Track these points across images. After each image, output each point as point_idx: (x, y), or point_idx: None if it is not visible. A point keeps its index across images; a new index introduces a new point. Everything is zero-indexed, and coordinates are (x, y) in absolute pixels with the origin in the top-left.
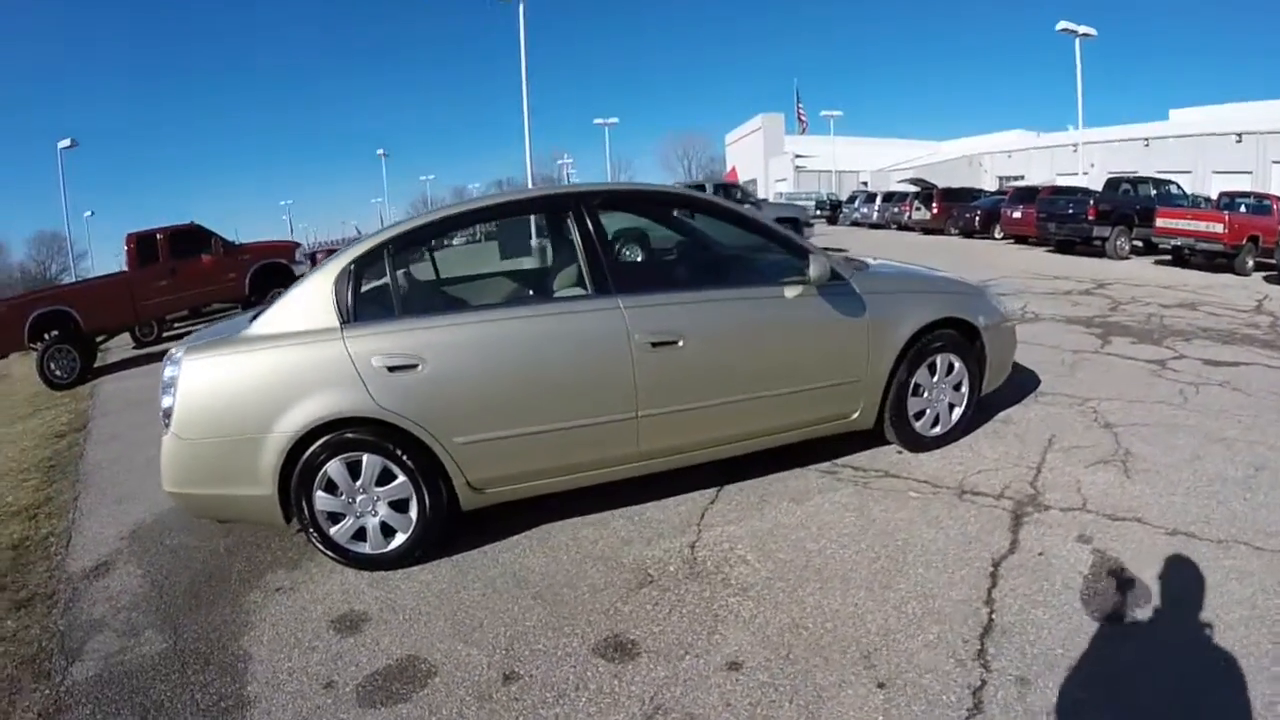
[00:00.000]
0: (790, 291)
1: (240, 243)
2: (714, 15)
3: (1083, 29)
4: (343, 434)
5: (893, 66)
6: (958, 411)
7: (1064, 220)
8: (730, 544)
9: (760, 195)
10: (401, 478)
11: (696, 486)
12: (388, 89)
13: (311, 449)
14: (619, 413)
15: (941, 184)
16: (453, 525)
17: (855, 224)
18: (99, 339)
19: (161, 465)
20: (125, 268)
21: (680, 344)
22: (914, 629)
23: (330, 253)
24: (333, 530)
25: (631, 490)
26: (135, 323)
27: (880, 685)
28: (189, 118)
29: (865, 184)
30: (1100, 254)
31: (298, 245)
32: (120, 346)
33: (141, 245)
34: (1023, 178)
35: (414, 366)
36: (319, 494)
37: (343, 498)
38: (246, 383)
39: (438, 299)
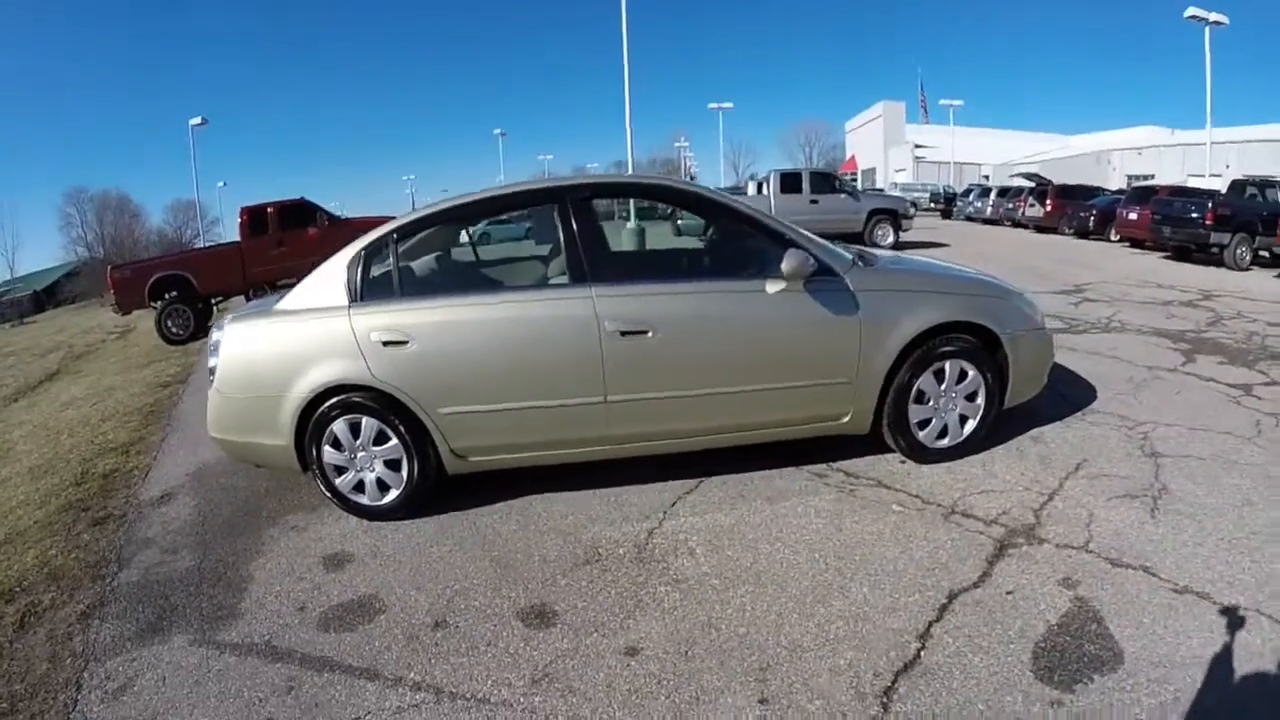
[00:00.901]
0: (772, 286)
1: (345, 217)
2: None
3: (1213, 16)
4: (346, 398)
5: (1018, 55)
6: (971, 424)
7: (1180, 224)
8: (686, 535)
9: (878, 186)
10: (394, 440)
11: (683, 475)
12: (508, 69)
13: (321, 409)
14: (588, 396)
15: (1068, 181)
16: (440, 487)
17: (969, 219)
18: (214, 300)
19: (207, 415)
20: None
21: (650, 334)
22: (827, 650)
23: None
24: (337, 481)
25: (619, 472)
26: (246, 288)
27: (762, 701)
28: (323, 96)
29: (987, 177)
30: (1219, 263)
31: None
32: (239, 306)
33: (253, 218)
34: (1153, 177)
35: (405, 343)
36: (326, 448)
37: (345, 453)
38: (272, 349)
39: (432, 283)
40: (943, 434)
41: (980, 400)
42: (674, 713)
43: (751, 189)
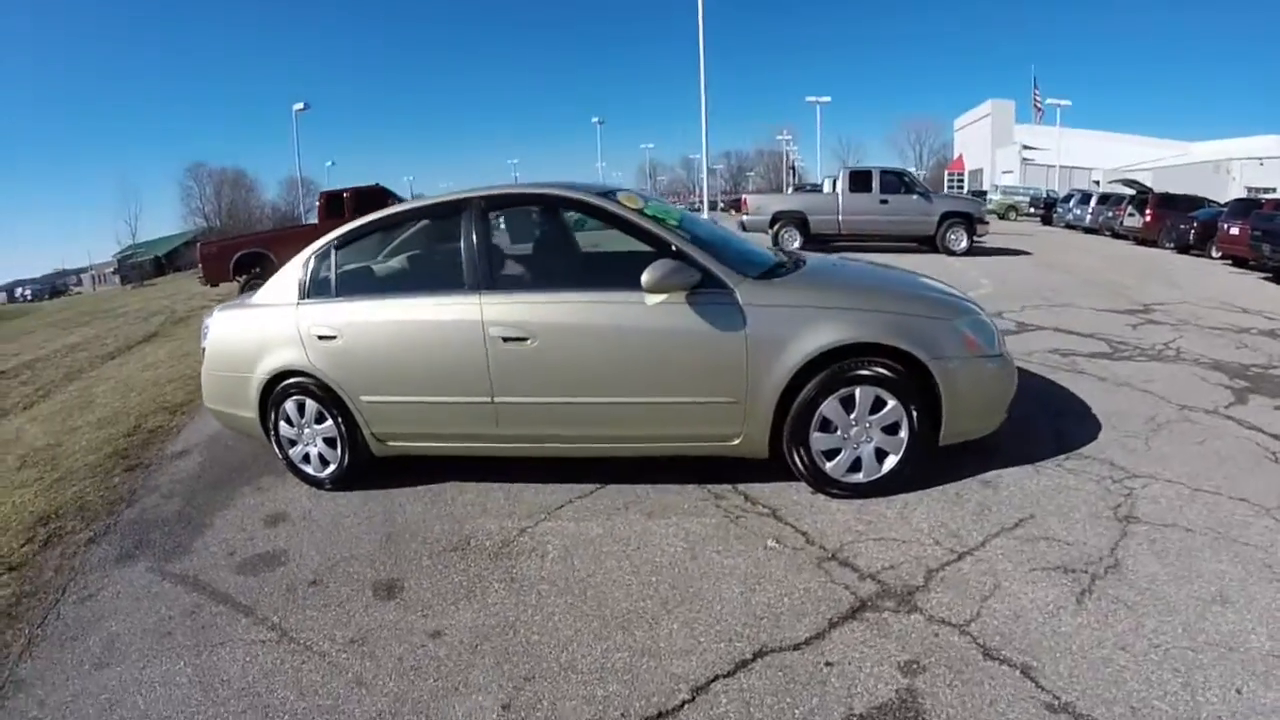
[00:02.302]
0: (651, 298)
1: None
2: None
3: None
4: (294, 381)
5: (1139, 56)
6: (891, 460)
7: None
8: (551, 538)
9: (983, 188)
10: (329, 421)
11: (587, 480)
12: (615, 59)
13: (276, 389)
14: (478, 396)
15: (1183, 190)
16: (385, 466)
17: (1070, 226)
18: None
19: (202, 388)
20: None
21: (530, 341)
22: (595, 679)
23: None
24: (290, 451)
25: (531, 471)
26: None
27: (505, 707)
28: (434, 80)
29: (1097, 183)
30: None
31: None
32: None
33: (330, 202)
34: (1275, 190)
35: (334, 337)
36: (281, 423)
37: (295, 429)
38: (243, 335)
39: (360, 285)
40: (855, 468)
41: (903, 434)
42: (430, 694)
43: (828, 187)
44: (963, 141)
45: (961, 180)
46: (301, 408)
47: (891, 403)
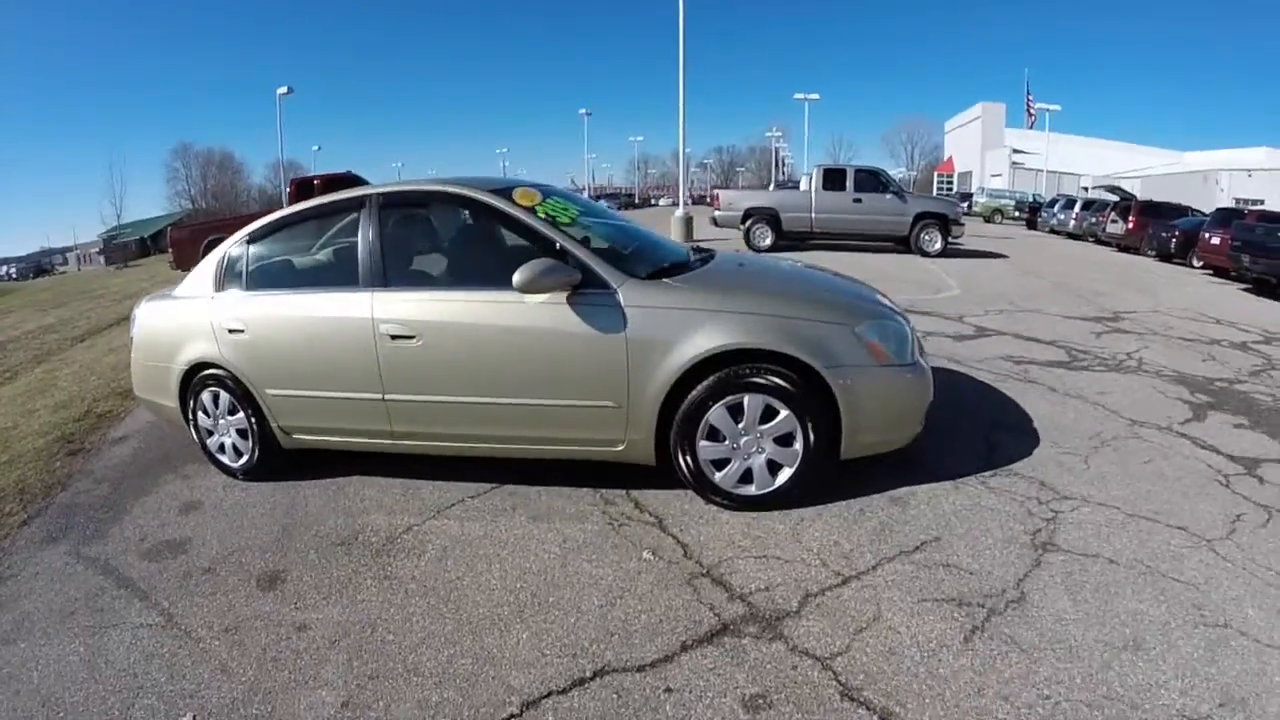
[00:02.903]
0: (533, 297)
1: None
2: None
3: None
4: (209, 373)
5: (1132, 62)
6: (786, 474)
7: (1261, 253)
8: (433, 538)
9: (970, 190)
10: (240, 413)
11: (484, 479)
12: (603, 49)
13: (194, 380)
14: (370, 393)
15: (1170, 199)
16: (281, 459)
17: (1054, 230)
18: None
19: (132, 377)
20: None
21: (416, 339)
22: (433, 684)
23: None
24: (208, 441)
25: (433, 468)
26: None
27: (344, 704)
28: (422, 65)
29: (1086, 189)
30: None
31: None
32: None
33: (300, 187)
34: (1263, 202)
35: (241, 331)
36: (199, 414)
37: (211, 419)
38: (166, 326)
39: (266, 280)
40: (747, 479)
41: (798, 446)
42: (282, 686)
43: (804, 185)
44: (953, 143)
45: (951, 182)
46: (216, 399)
47: (784, 412)
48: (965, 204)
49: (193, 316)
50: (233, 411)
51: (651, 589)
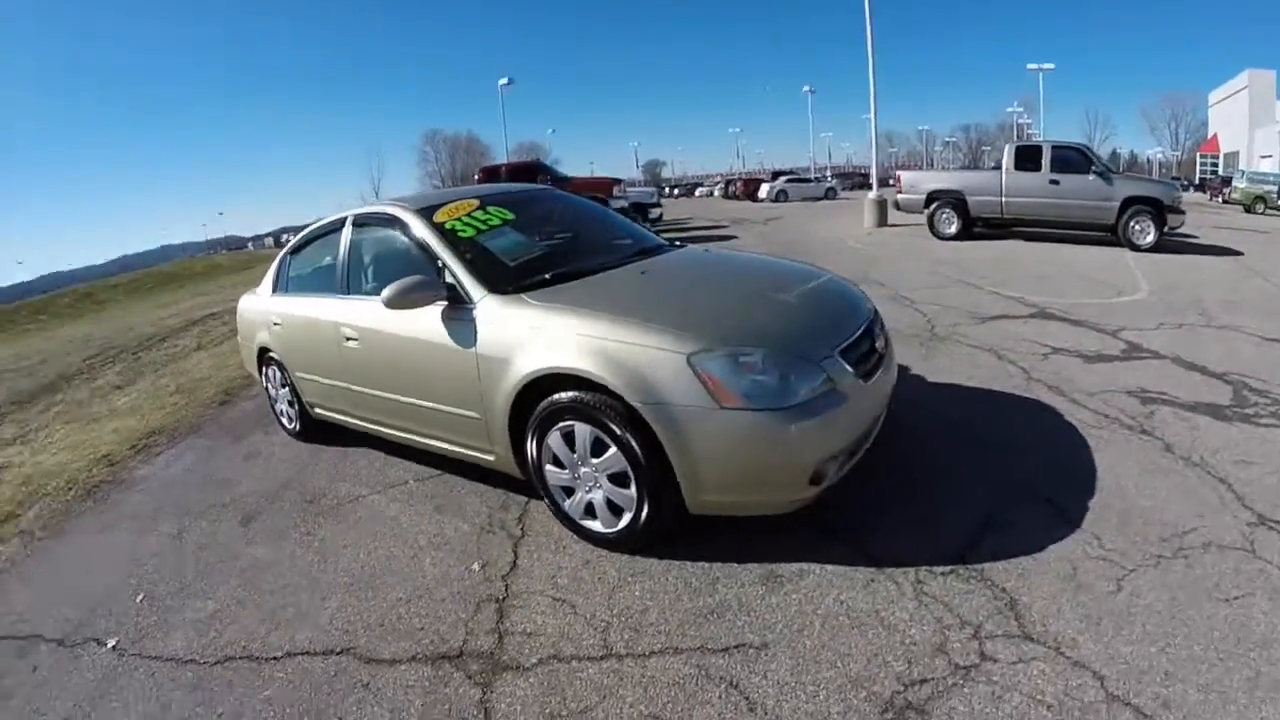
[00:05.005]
0: (424, 310)
1: (568, 176)
2: None
3: None
4: (269, 354)
5: None
6: (626, 518)
7: None
8: (364, 509)
9: (1237, 170)
10: (285, 389)
11: (439, 467)
12: (828, 27)
13: (264, 358)
14: (342, 381)
15: None
16: (318, 426)
17: None
18: None
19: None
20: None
21: (357, 341)
22: (271, 614)
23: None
24: (275, 407)
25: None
26: None
27: (214, 615)
28: (660, 51)
29: None
30: None
31: (618, 181)
32: None
33: (488, 174)
34: None
35: (280, 324)
36: (268, 385)
37: (275, 390)
38: (248, 317)
39: (294, 285)
40: (591, 513)
41: (633, 492)
42: (196, 592)
43: (1003, 163)
44: (1218, 119)
45: (1215, 164)
46: (274, 375)
47: (613, 450)
48: (1226, 188)
49: (260, 310)
50: (283, 386)
51: (445, 599)
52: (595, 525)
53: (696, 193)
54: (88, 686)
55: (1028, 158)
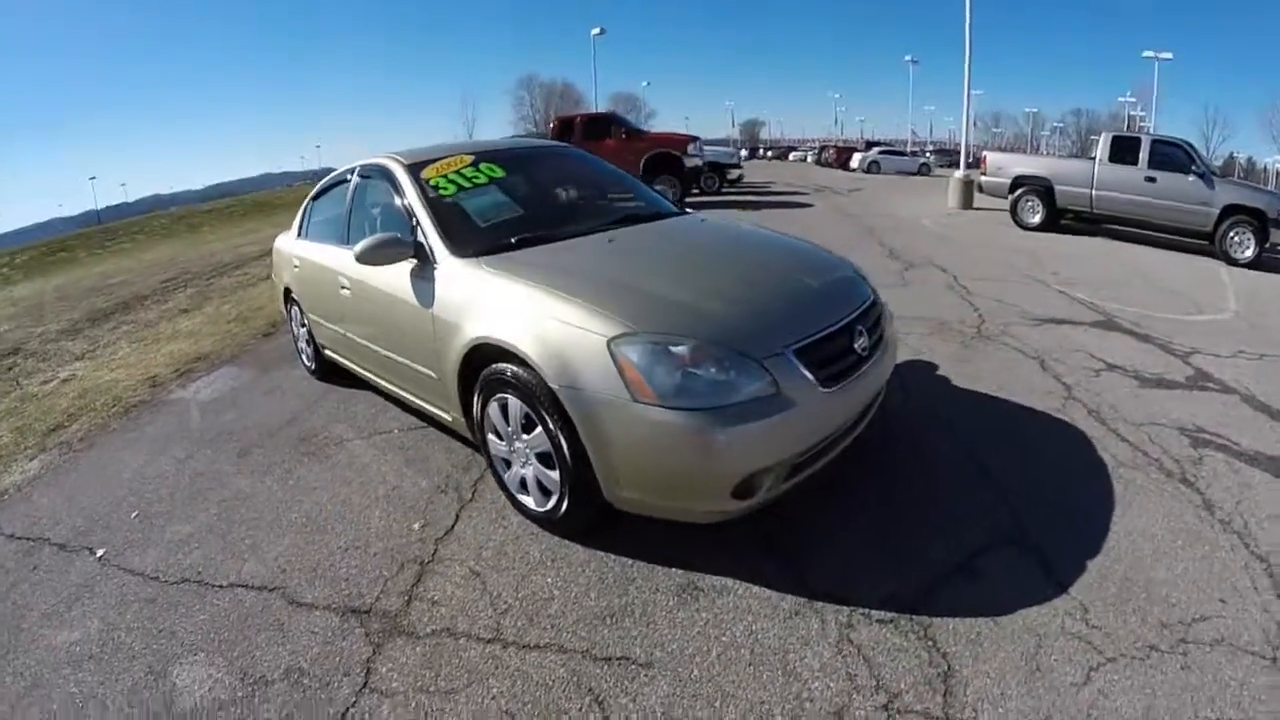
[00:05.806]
0: (397, 265)
1: (642, 130)
2: None
3: None
4: (291, 295)
5: None
6: (552, 501)
7: None
8: (343, 455)
9: None
10: (304, 329)
11: (419, 419)
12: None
13: (289, 297)
14: (339, 325)
15: None
16: (331, 367)
17: None
18: None
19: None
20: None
21: (349, 290)
22: (236, 545)
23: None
24: (298, 345)
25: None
26: None
27: (188, 537)
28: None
29: None
30: None
31: (694, 139)
32: None
33: (562, 124)
34: None
35: (298, 267)
36: (293, 323)
37: (295, 328)
38: (279, 258)
39: (312, 230)
40: (523, 488)
41: (557, 474)
42: (178, 516)
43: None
44: None
45: None
46: (296, 314)
47: (540, 429)
48: None
49: (286, 252)
50: (301, 325)
51: (377, 554)
52: (529, 502)
53: (790, 156)
54: (70, 589)
55: (1125, 149)
